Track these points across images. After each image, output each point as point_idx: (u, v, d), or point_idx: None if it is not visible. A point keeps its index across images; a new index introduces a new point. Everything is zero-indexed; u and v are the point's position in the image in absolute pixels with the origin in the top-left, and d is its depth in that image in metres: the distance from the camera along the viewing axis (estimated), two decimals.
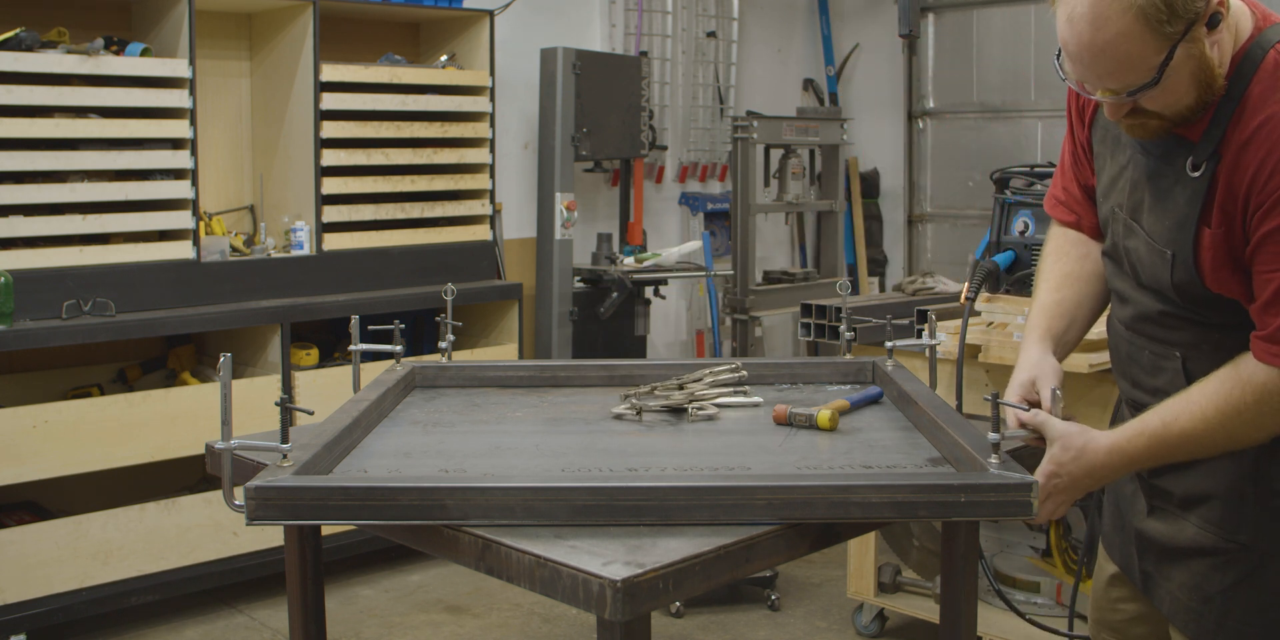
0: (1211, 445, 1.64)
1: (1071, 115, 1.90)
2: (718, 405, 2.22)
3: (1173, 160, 1.65)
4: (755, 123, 4.81)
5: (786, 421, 2.08)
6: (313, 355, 4.14)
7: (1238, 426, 1.61)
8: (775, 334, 6.34)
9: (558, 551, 1.50)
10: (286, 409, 1.73)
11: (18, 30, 3.46)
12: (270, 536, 3.78)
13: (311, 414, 1.86)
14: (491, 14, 4.55)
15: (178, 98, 3.71)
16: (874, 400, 2.29)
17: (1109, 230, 1.83)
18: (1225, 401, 1.60)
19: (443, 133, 4.43)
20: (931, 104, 6.18)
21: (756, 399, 2.27)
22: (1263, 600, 1.72)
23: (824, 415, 2.05)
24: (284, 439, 1.71)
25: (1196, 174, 1.61)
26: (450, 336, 2.51)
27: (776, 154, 5.26)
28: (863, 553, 3.64)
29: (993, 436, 1.68)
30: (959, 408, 2.12)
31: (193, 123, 3.75)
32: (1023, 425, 1.76)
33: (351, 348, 2.36)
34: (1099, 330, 2.95)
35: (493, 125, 4.55)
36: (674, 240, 5.77)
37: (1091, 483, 1.70)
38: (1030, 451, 1.87)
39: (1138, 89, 1.55)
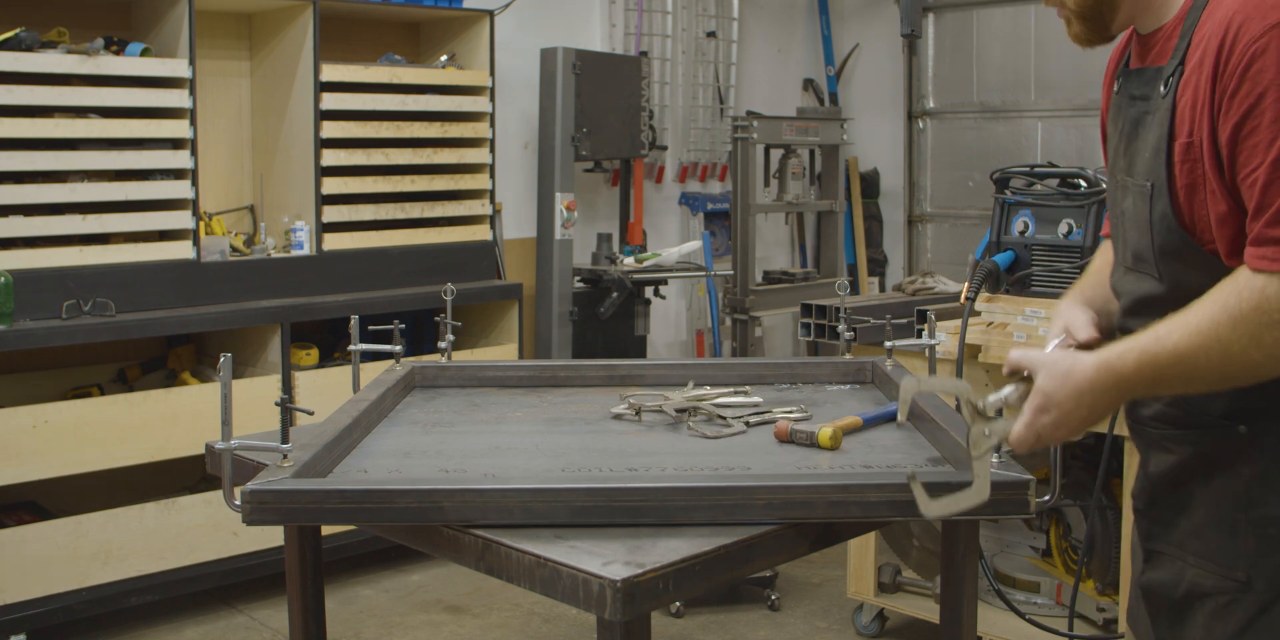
0: (1207, 363, 1.48)
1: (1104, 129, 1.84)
2: (717, 405, 2.22)
3: (1151, 95, 1.62)
4: (755, 123, 4.81)
5: (788, 439, 2.04)
6: (313, 355, 4.14)
7: (1234, 340, 1.46)
8: (775, 334, 6.34)
9: (558, 551, 1.51)
10: (286, 409, 1.73)
11: (18, 30, 3.46)
12: (270, 536, 3.78)
13: (311, 414, 1.86)
14: (491, 14, 4.55)
15: (178, 98, 3.72)
16: (893, 418, 2.16)
17: (1112, 207, 1.76)
18: (1221, 310, 1.47)
19: (443, 133, 4.43)
20: (931, 104, 6.18)
21: (756, 399, 2.27)
22: None
23: (824, 434, 1.98)
24: (284, 439, 1.72)
25: (1165, 93, 1.57)
26: (450, 336, 2.51)
27: (776, 154, 5.25)
28: (863, 553, 3.64)
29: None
30: (959, 408, 2.12)
31: (193, 123, 3.75)
32: (1012, 373, 1.62)
33: (351, 348, 2.36)
34: None
35: (493, 125, 4.55)
36: (674, 240, 5.77)
37: (1083, 412, 1.55)
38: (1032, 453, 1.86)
39: None
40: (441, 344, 2.51)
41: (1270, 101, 1.43)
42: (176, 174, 3.76)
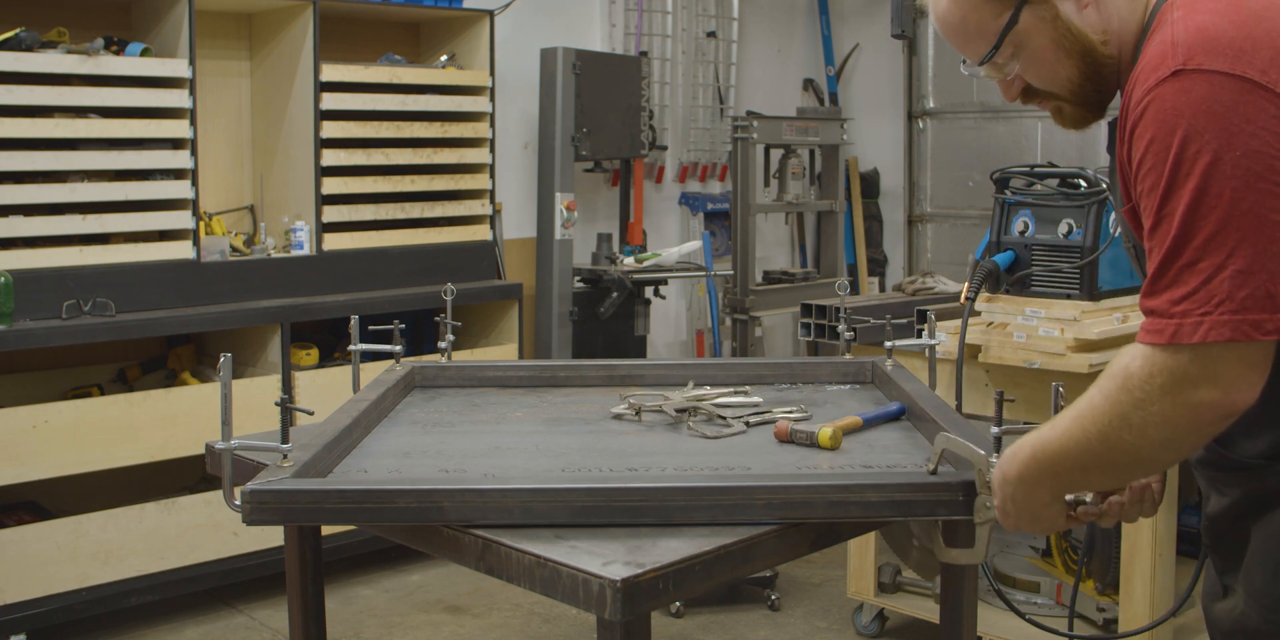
0: (1090, 450, 1.37)
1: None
2: (717, 405, 2.22)
3: (1113, 154, 1.54)
4: (755, 123, 4.81)
5: (788, 439, 2.04)
6: (313, 355, 4.14)
7: (1107, 422, 1.34)
8: (775, 334, 6.34)
9: (558, 551, 1.51)
10: (286, 409, 1.73)
11: (18, 30, 3.46)
12: (270, 536, 3.78)
13: (311, 414, 1.86)
14: (491, 14, 4.55)
15: (178, 98, 3.71)
16: (893, 418, 2.15)
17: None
18: (1097, 391, 1.36)
19: (443, 133, 4.43)
20: (931, 104, 6.18)
21: (756, 399, 2.27)
22: None
23: (824, 434, 1.97)
24: (284, 439, 1.72)
25: (1113, 156, 1.50)
26: (450, 336, 2.51)
27: (776, 154, 5.25)
28: (863, 553, 3.64)
29: (994, 430, 1.67)
30: (959, 408, 2.12)
31: (193, 123, 3.75)
32: None
33: (351, 348, 2.36)
34: (1102, 329, 2.96)
35: (493, 125, 4.55)
36: (674, 240, 5.77)
37: (1009, 505, 1.51)
38: None
39: (986, 58, 1.50)
40: (441, 344, 2.51)
41: (1148, 168, 1.33)
42: (176, 174, 3.76)
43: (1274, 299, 1.28)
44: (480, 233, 4.58)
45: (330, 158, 4.12)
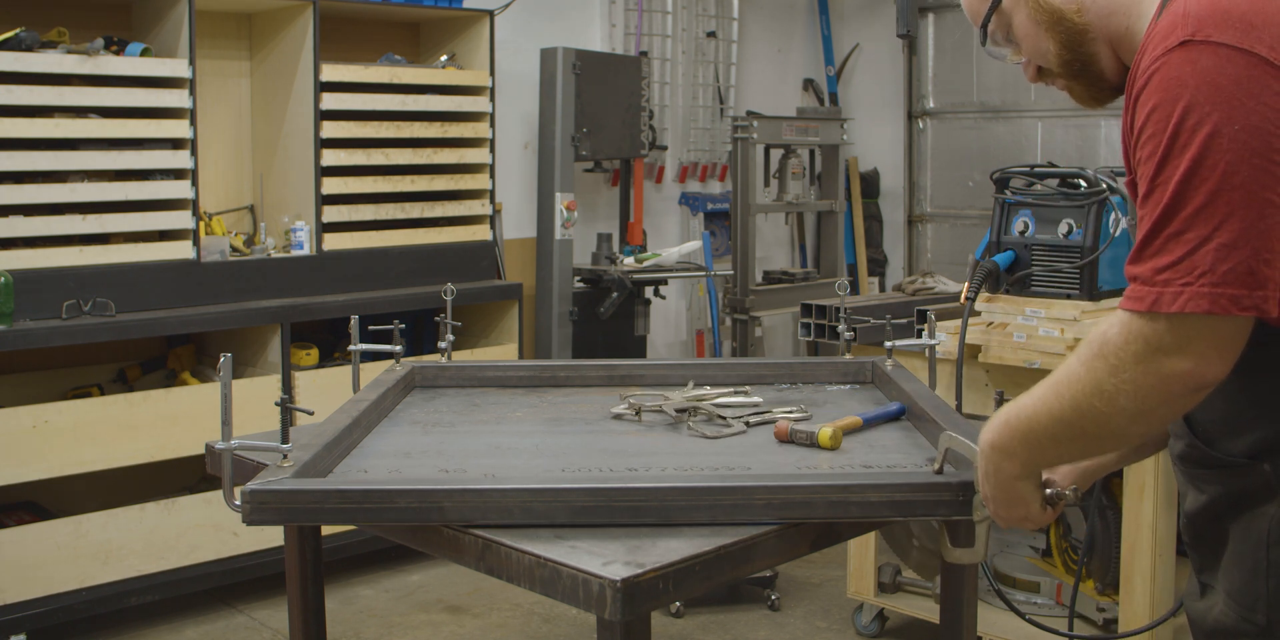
0: (1061, 419, 1.38)
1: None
2: (717, 405, 2.22)
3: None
4: (755, 123, 4.81)
5: (788, 439, 2.03)
6: (313, 355, 4.14)
7: (1081, 388, 1.34)
8: (775, 334, 6.34)
9: (558, 551, 1.51)
10: (286, 409, 1.73)
11: (18, 30, 3.46)
12: (270, 536, 3.78)
13: (311, 414, 1.86)
14: (491, 14, 4.55)
15: (178, 98, 3.71)
16: (893, 418, 2.15)
17: None
18: (1074, 357, 1.36)
19: (443, 133, 4.43)
20: (931, 104, 6.18)
21: (756, 399, 2.27)
22: None
23: (824, 434, 1.97)
24: (284, 439, 1.72)
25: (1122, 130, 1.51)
26: (450, 336, 2.51)
27: (776, 154, 5.26)
28: (863, 553, 3.64)
29: None
30: (959, 408, 2.12)
31: (193, 123, 3.75)
32: None
33: (351, 348, 2.36)
34: None
35: (493, 125, 4.55)
36: (674, 240, 5.77)
37: (987, 483, 1.52)
38: None
39: (982, 39, 1.58)
40: (441, 344, 2.51)
41: (1148, 136, 1.32)
42: (176, 174, 3.76)
43: (1255, 275, 1.28)
44: (480, 233, 4.58)
45: (330, 158, 4.12)
